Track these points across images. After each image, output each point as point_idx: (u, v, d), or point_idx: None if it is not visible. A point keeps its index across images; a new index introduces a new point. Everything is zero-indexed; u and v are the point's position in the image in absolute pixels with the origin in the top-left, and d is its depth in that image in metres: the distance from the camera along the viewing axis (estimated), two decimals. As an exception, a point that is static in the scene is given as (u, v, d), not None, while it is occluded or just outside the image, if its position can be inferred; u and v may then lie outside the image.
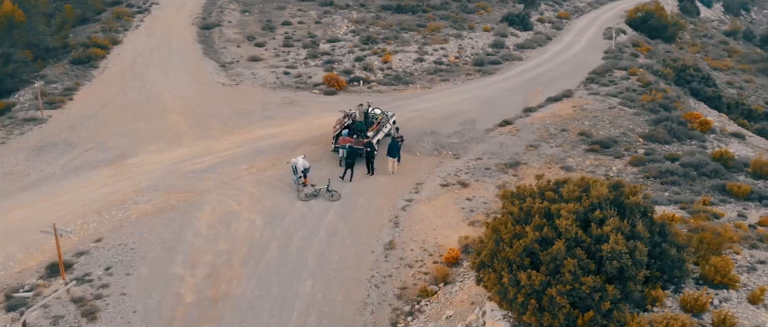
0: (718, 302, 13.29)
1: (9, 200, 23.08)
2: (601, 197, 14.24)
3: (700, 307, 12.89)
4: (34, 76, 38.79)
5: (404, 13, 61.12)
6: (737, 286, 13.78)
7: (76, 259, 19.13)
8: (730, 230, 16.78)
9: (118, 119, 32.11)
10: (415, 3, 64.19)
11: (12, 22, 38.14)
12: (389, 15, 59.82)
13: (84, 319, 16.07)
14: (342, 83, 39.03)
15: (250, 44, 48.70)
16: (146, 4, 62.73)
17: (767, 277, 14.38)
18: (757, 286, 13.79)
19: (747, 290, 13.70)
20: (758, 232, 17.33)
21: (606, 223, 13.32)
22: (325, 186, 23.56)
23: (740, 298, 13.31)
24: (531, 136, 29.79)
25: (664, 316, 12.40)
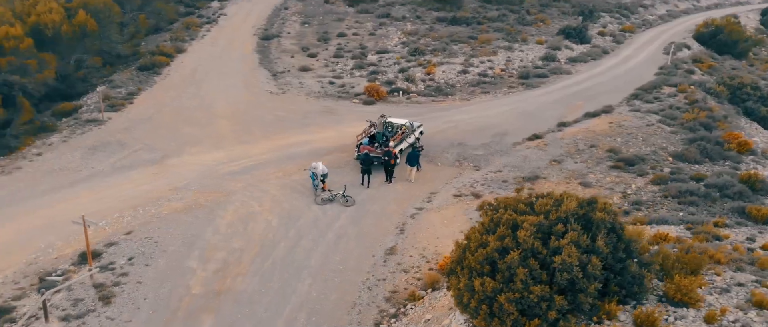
0: (674, 320, 13.29)
1: (59, 193, 25.72)
2: (568, 212, 14.57)
3: (651, 323, 12.96)
4: (102, 81, 42.35)
5: (458, 25, 61.63)
6: (699, 305, 13.71)
7: (106, 249, 21.19)
8: (719, 252, 16.51)
9: (170, 123, 34.70)
10: (471, 15, 64.64)
11: (84, 31, 41.88)
12: (443, 27, 60.54)
13: (100, 302, 17.94)
14: (382, 93, 40.21)
15: (304, 55, 50.85)
16: (215, 15, 66.60)
17: (739, 298, 14.15)
18: (721, 306, 13.68)
19: (711, 309, 13.61)
20: (753, 255, 16.90)
21: (564, 237, 13.67)
22: (341, 191, 24.70)
23: (697, 317, 13.25)
24: (557, 150, 29.75)
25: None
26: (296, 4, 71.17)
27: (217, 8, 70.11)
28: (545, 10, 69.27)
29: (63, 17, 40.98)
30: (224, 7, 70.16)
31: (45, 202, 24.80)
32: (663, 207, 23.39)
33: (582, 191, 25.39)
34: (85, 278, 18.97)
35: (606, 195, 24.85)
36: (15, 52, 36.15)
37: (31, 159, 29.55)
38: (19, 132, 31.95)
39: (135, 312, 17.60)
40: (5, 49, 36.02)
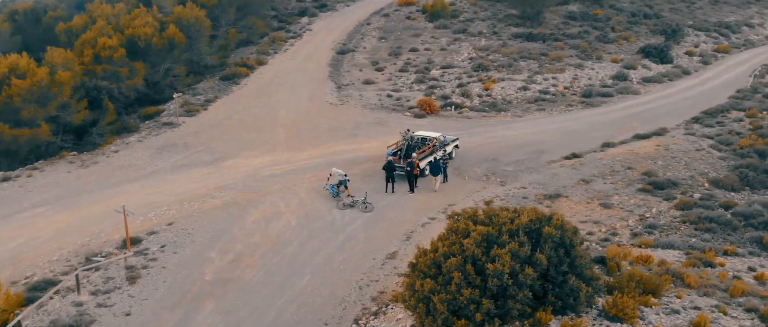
0: (601, 333, 13.65)
1: (123, 186, 29.38)
2: (519, 225, 15.28)
3: None
4: (186, 89, 46.94)
5: (534, 41, 61.37)
6: (635, 321, 13.92)
7: (147, 236, 24.17)
8: (691, 276, 16.39)
9: (234, 128, 38.04)
10: (550, 32, 64.14)
11: (173, 43, 46.64)
12: (518, 43, 60.58)
13: (127, 282, 20.70)
14: (434, 108, 41.40)
15: (372, 69, 53.14)
16: (302, 30, 70.80)
17: (683, 320, 14.15)
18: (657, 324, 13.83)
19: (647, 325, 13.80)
20: (733, 282, 16.47)
21: (504, 247, 14.44)
22: (362, 198, 26.32)
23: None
24: (591, 171, 29.56)
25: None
26: (378, 20, 73.99)
27: (305, 24, 74.47)
28: (632, 27, 67.15)
29: (155, 31, 45.96)
30: (312, 23, 74.37)
31: (109, 194, 28.47)
32: (678, 232, 22.85)
33: (600, 211, 25.32)
34: (120, 260, 21.93)
35: (624, 216, 24.64)
36: (110, 61, 41.17)
37: (109, 155, 33.78)
38: (104, 131, 36.52)
39: (152, 292, 20.19)
40: (102, 57, 41.15)
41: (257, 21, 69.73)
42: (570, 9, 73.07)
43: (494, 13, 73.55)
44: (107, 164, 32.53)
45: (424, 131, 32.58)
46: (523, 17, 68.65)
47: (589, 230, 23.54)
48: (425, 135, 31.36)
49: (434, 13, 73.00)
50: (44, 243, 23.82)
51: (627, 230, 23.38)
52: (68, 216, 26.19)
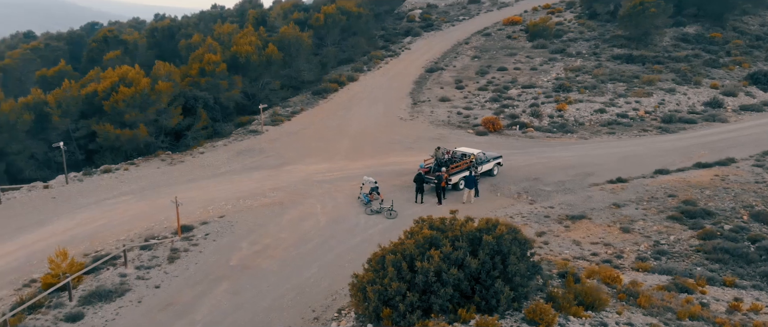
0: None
1: (196, 183, 33.80)
2: (464, 232, 16.59)
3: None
4: (280, 102, 51.73)
5: (633, 63, 59.51)
6: None
7: (199, 225, 28.00)
8: (645, 296, 16.61)
9: (306, 138, 41.67)
10: (654, 54, 61.76)
11: (270, 60, 51.73)
12: (615, 64, 59.11)
13: (167, 261, 24.44)
14: (498, 126, 42.17)
15: (453, 87, 54.73)
16: (401, 49, 74.12)
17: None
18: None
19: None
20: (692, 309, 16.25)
21: (440, 249, 15.86)
22: (389, 205, 28.31)
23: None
24: (628, 196, 29.10)
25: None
26: (478, 39, 75.39)
27: (406, 43, 77.78)
28: (752, 52, 62.64)
29: (255, 48, 51.33)
30: (412, 42, 77.52)
31: (183, 188, 32.96)
32: (688, 260, 22.26)
33: (617, 235, 25.15)
34: (167, 243, 25.85)
35: (638, 241, 24.31)
36: (212, 74, 46.85)
37: (195, 156, 38.75)
38: (197, 135, 41.77)
39: (183, 271, 23.71)
40: (206, 71, 46.94)
41: (362, 40, 74.19)
42: (685, 31, 69.58)
43: (601, 34, 72.00)
44: (191, 163, 37.42)
45: (464, 148, 33.79)
46: (630, 38, 66.59)
47: (595, 251, 23.61)
48: (465, 151, 32.59)
49: (535, 32, 72.97)
50: (119, 225, 28.50)
51: (634, 254, 23.14)
52: (145, 205, 30.89)
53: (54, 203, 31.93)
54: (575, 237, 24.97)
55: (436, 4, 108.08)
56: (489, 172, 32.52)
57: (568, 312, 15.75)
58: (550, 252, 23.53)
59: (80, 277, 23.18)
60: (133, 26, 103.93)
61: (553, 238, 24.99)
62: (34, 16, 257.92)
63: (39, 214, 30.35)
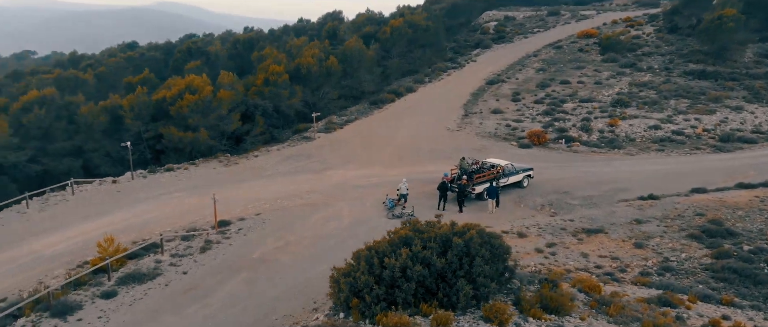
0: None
1: (244, 183, 36.48)
2: (437, 234, 17.62)
3: (444, 322, 15.34)
4: (337, 111, 54.14)
5: (705, 79, 57.27)
6: (505, 324, 15.34)
7: (236, 221, 30.46)
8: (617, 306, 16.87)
9: (353, 145, 43.59)
10: (730, 70, 59.08)
11: (330, 71, 54.29)
12: (685, 80, 57.16)
13: (198, 251, 26.95)
14: (543, 139, 42.11)
15: (509, 99, 54.90)
16: (466, 61, 74.90)
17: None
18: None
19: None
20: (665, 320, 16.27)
21: (410, 247, 17.00)
22: (410, 211, 29.50)
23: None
24: (654, 213, 28.59)
25: (398, 320, 15.53)
26: (548, 52, 74.86)
27: (474, 55, 78.43)
28: None
29: (316, 60, 54.10)
30: (480, 55, 78.16)
31: (232, 187, 35.74)
32: (692, 277, 21.87)
33: (628, 249, 24.97)
34: (203, 234, 28.44)
35: (648, 257, 24.05)
36: (275, 84, 49.99)
37: (249, 159, 41.69)
38: (254, 140, 44.83)
39: (210, 260, 26.07)
40: (269, 81, 50.16)
41: (427, 52, 75.65)
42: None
43: (679, 48, 69.65)
44: (243, 165, 40.34)
45: (493, 159, 34.29)
46: (707, 53, 63.98)
47: (600, 264, 23.61)
48: (494, 162, 33.16)
49: (607, 45, 71.55)
50: (167, 218, 31.53)
51: (638, 269, 22.96)
52: (194, 201, 33.85)
53: (118, 196, 35.68)
54: (585, 249, 25.05)
55: (513, 17, 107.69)
56: (519, 184, 32.89)
57: (529, 314, 16.38)
58: (554, 263, 23.83)
59: (123, 260, 26.13)
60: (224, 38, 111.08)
61: (563, 249, 25.19)
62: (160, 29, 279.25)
63: (103, 206, 34.08)
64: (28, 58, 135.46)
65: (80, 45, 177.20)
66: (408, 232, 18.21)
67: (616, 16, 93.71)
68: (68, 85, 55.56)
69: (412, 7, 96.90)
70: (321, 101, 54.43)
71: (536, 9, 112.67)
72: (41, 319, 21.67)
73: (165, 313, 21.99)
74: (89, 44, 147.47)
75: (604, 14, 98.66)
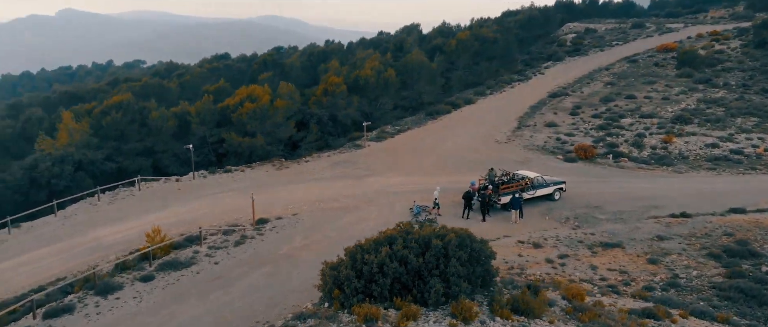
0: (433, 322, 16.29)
1: (290, 185, 38.84)
2: (420, 235, 18.78)
3: (411, 315, 16.40)
4: (393, 121, 55.83)
5: (785, 97, 54.07)
6: (469, 320, 16.16)
7: (274, 219, 32.73)
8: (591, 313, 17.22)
9: (399, 153, 45.03)
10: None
11: (387, 82, 56.15)
12: (761, 98, 54.28)
13: (233, 245, 29.33)
14: (590, 153, 41.61)
15: (567, 113, 54.33)
16: (534, 74, 74.49)
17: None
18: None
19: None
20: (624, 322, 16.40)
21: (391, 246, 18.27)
22: (433, 216, 30.55)
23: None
24: (680, 230, 27.94)
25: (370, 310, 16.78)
26: (622, 66, 73.15)
27: (544, 67, 77.80)
28: None
29: (374, 72, 56.16)
30: (550, 68, 77.48)
31: (278, 189, 38.26)
32: (695, 294, 21.49)
33: (640, 265, 24.71)
34: (240, 230, 30.91)
35: (657, 272, 23.77)
36: (333, 94, 52.52)
37: (300, 164, 44.21)
38: (309, 146, 47.37)
39: (241, 254, 28.37)
40: (328, 91, 52.76)
41: (493, 64, 75.92)
42: None
43: (764, 64, 66.05)
44: (294, 169, 42.89)
45: (524, 171, 34.54)
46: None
47: (606, 277, 23.61)
48: (524, 174, 33.49)
49: (684, 60, 68.93)
50: (215, 214, 34.40)
51: (643, 283, 22.78)
52: (242, 200, 36.48)
53: (178, 193, 39.17)
54: (596, 262, 25.07)
55: (595, 29, 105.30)
56: (549, 197, 33.04)
57: (497, 314, 17.17)
58: (560, 273, 24.10)
59: (167, 249, 29.06)
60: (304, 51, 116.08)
61: (573, 261, 25.33)
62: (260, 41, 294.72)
63: (163, 201, 37.60)
64: (137, 67, 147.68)
65: (188, 55, 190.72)
66: (395, 232, 19.45)
67: (703, 29, 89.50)
68: (153, 92, 60.94)
69: (485, 19, 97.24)
70: (377, 111, 56.35)
71: (621, 21, 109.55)
72: (86, 295, 24.71)
73: (190, 297, 24.41)
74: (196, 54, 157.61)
75: (692, 28, 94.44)
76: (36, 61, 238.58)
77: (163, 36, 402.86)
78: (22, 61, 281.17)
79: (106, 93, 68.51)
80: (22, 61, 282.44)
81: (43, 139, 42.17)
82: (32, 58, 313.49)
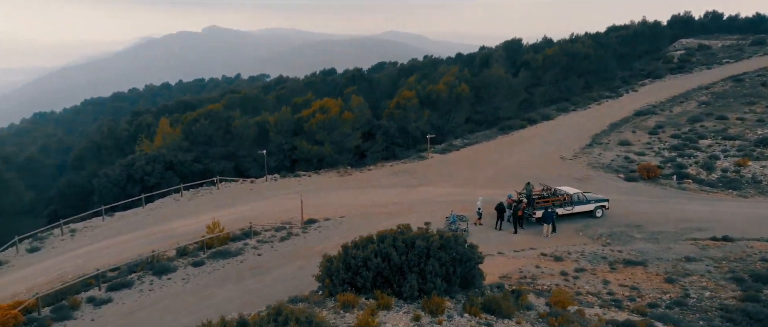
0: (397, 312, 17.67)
1: (347, 191, 41.32)
2: (406, 236, 20.37)
3: (385, 305, 17.96)
4: (464, 134, 56.89)
5: None
6: (440, 319, 17.39)
7: (322, 220, 35.30)
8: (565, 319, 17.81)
9: (457, 165, 46.13)
10: None
11: (459, 97, 57.36)
12: None
13: (278, 240, 32.17)
14: (653, 174, 40.32)
15: (646, 132, 52.56)
16: (626, 91, 72.20)
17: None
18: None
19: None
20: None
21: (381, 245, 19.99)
22: (464, 226, 31.63)
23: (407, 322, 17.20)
24: (714, 253, 26.85)
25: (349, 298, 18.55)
26: (724, 85, 69.41)
27: (638, 85, 75.15)
28: None
29: (447, 88, 57.63)
30: (645, 85, 74.92)
31: (335, 193, 40.97)
32: (698, 314, 21.00)
33: (656, 283, 24.27)
34: (289, 228, 33.79)
35: (669, 291, 23.32)
36: (405, 107, 54.73)
37: (363, 172, 46.70)
38: (375, 156, 49.77)
39: (283, 249, 31.09)
40: (400, 105, 55.06)
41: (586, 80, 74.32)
42: None
43: None
44: (355, 177, 45.48)
45: (566, 187, 34.43)
46: None
47: (613, 291, 23.54)
48: (565, 190, 33.54)
49: (794, 79, 63.91)
50: (274, 213, 37.65)
51: (650, 300, 22.57)
52: (296, 201, 39.70)
53: (249, 193, 43.12)
54: (611, 278, 24.98)
55: (709, 45, 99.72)
56: (591, 213, 32.90)
57: (466, 311, 18.37)
58: (569, 285, 24.38)
59: (223, 240, 32.56)
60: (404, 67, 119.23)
61: (589, 276, 25.39)
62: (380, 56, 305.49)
63: (235, 199, 41.63)
64: (261, 80, 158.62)
65: (309, 69, 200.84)
66: (391, 232, 21.11)
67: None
68: (251, 103, 66.57)
69: (581, 35, 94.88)
70: (448, 124, 57.70)
71: (741, 37, 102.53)
72: (145, 275, 28.60)
73: (229, 282, 27.50)
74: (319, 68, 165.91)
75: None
76: (182, 72, 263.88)
77: (294, 51, 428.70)
78: (172, 71, 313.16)
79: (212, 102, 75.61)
80: (172, 71, 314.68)
81: (143, 141, 48.14)
82: (180, 69, 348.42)
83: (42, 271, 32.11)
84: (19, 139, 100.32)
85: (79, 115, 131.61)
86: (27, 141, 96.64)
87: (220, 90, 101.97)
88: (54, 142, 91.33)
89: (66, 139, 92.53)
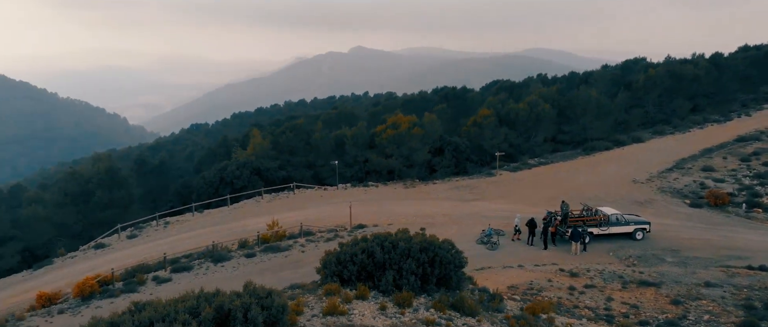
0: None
1: (404, 201, 43.56)
2: (395, 238, 22.48)
3: (361, 295, 20.16)
4: (543, 154, 56.74)
5: None
6: (405, 310, 19.22)
7: (370, 226, 37.92)
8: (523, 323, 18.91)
9: (521, 184, 46.57)
10: None
11: (539, 116, 57.33)
12: None
13: (324, 240, 35.27)
14: (721, 201, 38.35)
15: (737, 159, 49.40)
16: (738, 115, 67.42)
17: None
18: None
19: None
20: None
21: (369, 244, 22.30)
22: (495, 239, 32.71)
23: (377, 313, 19.16)
24: (741, 281, 25.64)
25: (332, 287, 20.94)
26: None
27: (754, 109, 69.95)
28: None
29: (527, 106, 57.92)
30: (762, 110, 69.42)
31: (394, 203, 43.40)
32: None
33: (660, 304, 23.97)
34: (344, 234, 36.83)
35: (672, 311, 23.08)
36: (481, 125, 56.03)
37: (427, 185, 48.66)
38: (445, 171, 51.53)
39: (325, 247, 34.14)
40: (477, 123, 56.43)
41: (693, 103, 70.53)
42: None
43: None
44: (418, 189, 47.61)
45: (606, 208, 34.03)
46: None
47: (611, 307, 23.72)
48: (604, 211, 33.36)
49: None
50: (333, 217, 40.85)
51: (643, 317, 22.55)
52: (359, 208, 42.41)
53: (320, 199, 46.92)
54: (617, 296, 24.99)
55: None
56: (631, 235, 32.53)
57: (432, 306, 20.13)
58: (571, 299, 24.88)
59: (279, 236, 36.36)
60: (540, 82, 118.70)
61: (596, 292, 25.52)
62: (519, 74, 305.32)
63: (305, 203, 45.62)
64: (392, 98, 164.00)
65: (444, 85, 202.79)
66: (384, 233, 23.35)
67: None
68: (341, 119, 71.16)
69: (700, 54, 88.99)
70: (526, 143, 57.87)
71: None
72: (205, 261, 33.02)
73: (268, 272, 31.06)
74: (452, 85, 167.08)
75: None
76: (331, 89, 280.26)
77: (433, 70, 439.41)
78: (321, 89, 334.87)
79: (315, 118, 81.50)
80: (322, 89, 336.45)
81: (237, 149, 54.09)
82: (327, 86, 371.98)
83: (134, 254, 37.83)
84: (174, 147, 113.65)
85: (226, 127, 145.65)
86: (178, 148, 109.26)
87: (328, 107, 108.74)
88: (199, 150, 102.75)
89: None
